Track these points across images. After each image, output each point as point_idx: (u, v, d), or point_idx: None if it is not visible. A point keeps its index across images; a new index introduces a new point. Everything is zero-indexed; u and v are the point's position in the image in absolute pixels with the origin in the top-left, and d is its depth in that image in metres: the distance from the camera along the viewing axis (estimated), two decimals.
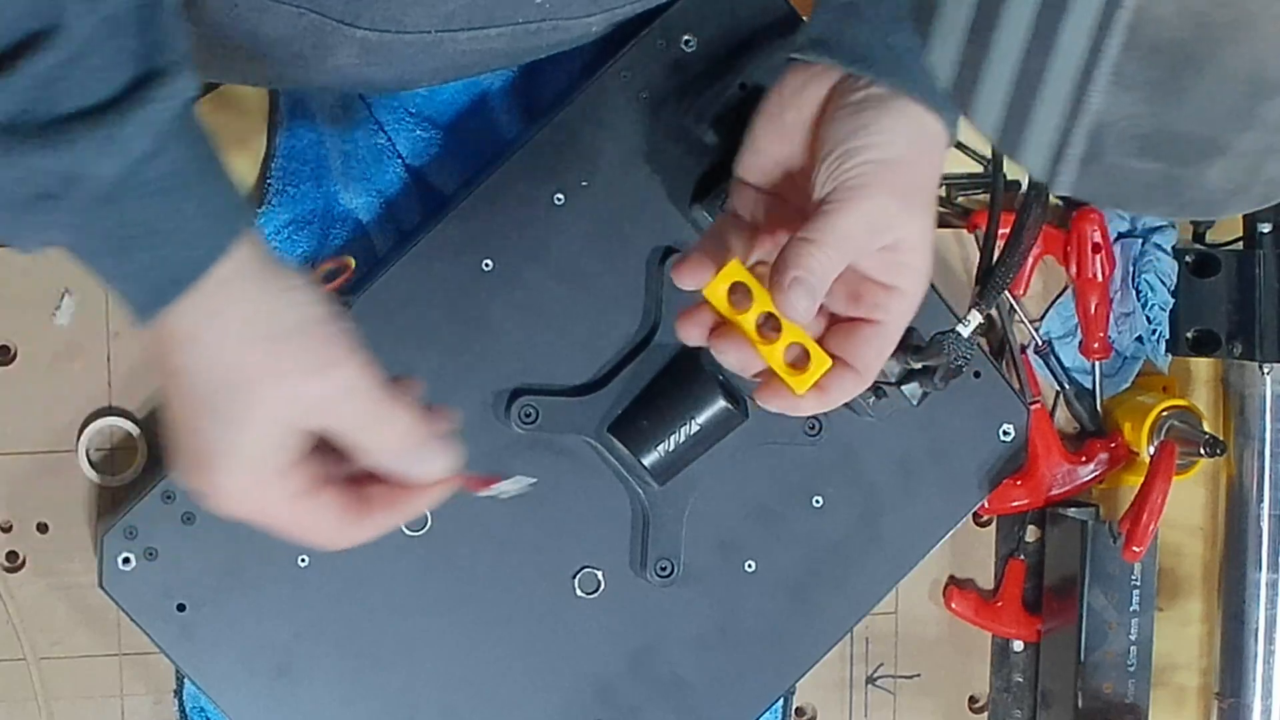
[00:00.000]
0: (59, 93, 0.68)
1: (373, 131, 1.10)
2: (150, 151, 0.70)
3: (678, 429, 1.06)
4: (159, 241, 0.72)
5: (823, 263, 0.80)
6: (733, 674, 1.12)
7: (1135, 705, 1.20)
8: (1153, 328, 1.21)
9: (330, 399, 0.76)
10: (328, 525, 0.79)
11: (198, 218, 0.72)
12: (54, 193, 0.70)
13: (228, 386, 0.75)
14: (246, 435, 0.75)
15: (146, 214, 0.71)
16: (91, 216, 0.71)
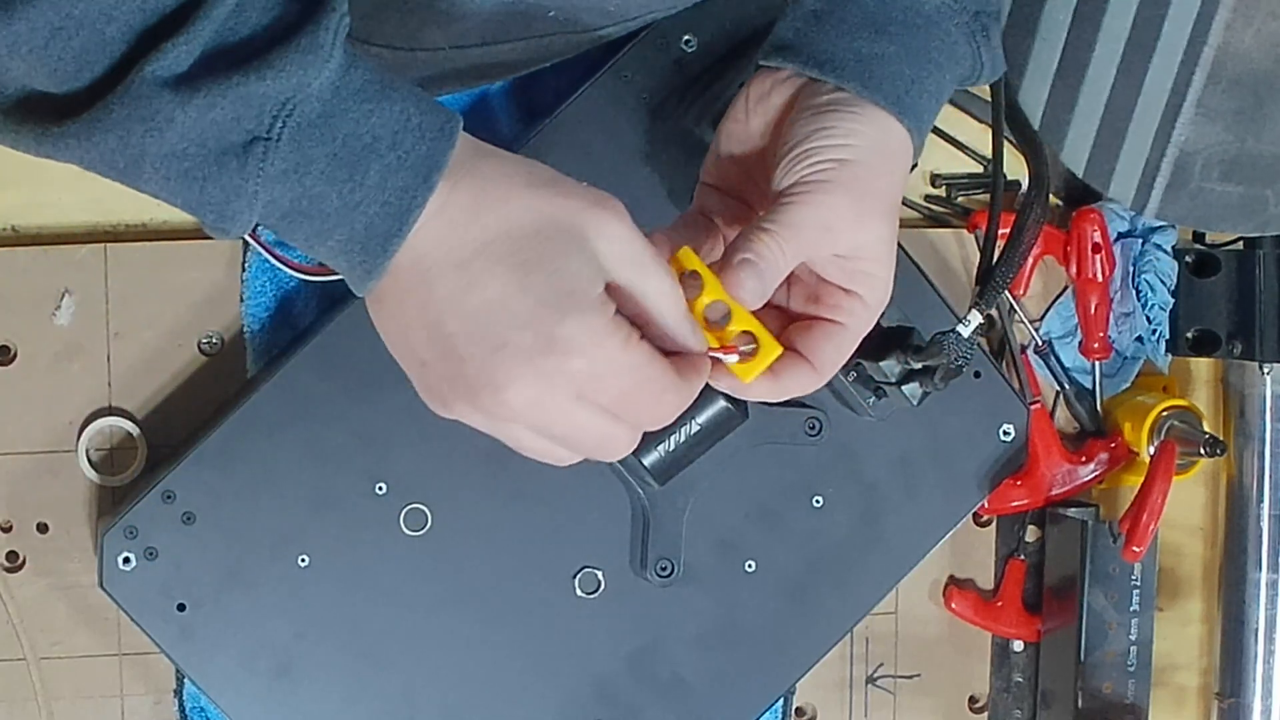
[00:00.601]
0: (247, 22, 0.67)
1: None
2: (347, 62, 0.68)
3: (678, 429, 1.06)
4: (387, 145, 0.69)
5: (773, 249, 0.78)
6: (733, 674, 1.12)
7: (1135, 705, 1.20)
8: (1153, 328, 1.21)
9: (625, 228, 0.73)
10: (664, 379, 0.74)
11: (416, 114, 0.70)
12: (266, 133, 0.67)
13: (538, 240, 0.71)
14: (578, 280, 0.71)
15: (365, 124, 0.69)
16: (309, 146, 0.68)
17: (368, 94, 0.69)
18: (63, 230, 1.11)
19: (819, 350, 0.83)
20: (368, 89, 0.69)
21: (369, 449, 1.07)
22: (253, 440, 1.05)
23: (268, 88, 0.67)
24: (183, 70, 0.66)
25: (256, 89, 0.66)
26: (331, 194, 0.69)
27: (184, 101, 0.66)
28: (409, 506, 1.07)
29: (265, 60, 0.67)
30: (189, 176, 0.68)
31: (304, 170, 0.69)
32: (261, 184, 0.68)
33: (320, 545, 1.07)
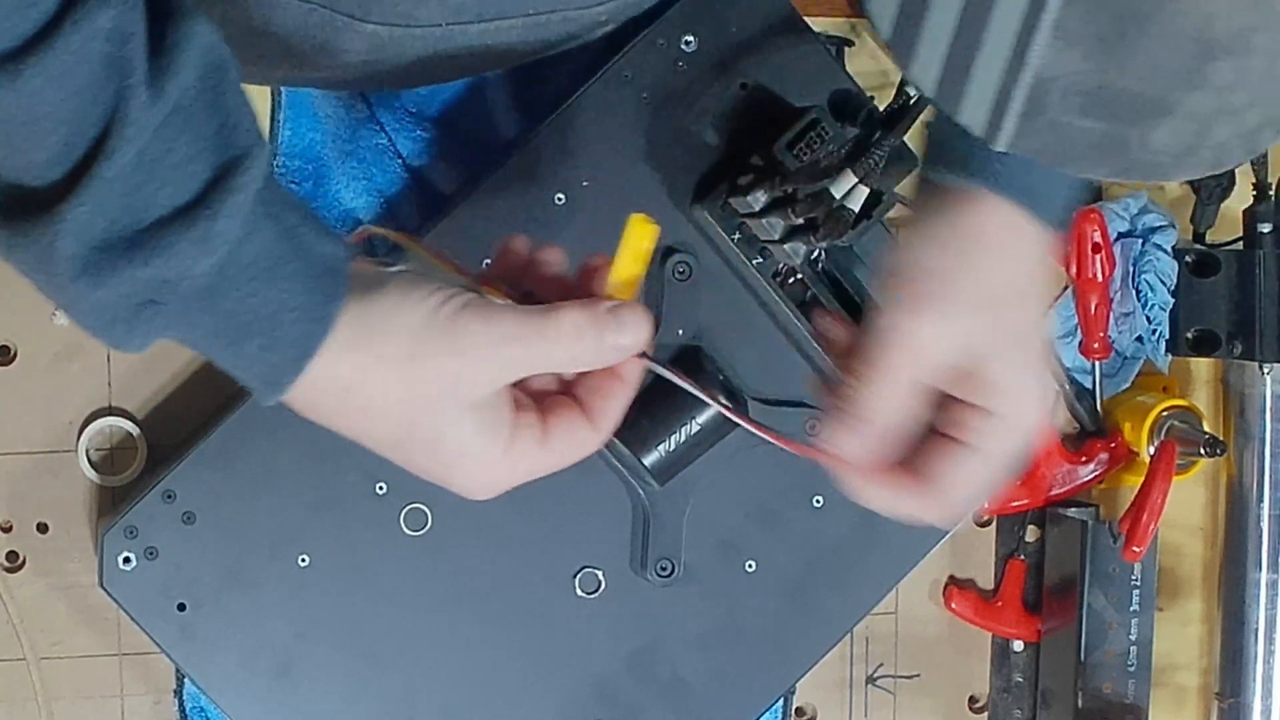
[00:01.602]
0: (144, 198, 0.67)
1: (374, 131, 1.10)
2: (241, 237, 0.69)
3: (678, 429, 1.06)
4: (266, 326, 0.71)
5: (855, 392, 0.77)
6: (733, 674, 1.12)
7: (1135, 705, 1.20)
8: (1153, 328, 1.21)
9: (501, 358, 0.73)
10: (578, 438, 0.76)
11: (300, 293, 0.71)
12: (155, 298, 0.68)
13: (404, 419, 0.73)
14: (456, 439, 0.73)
15: (248, 301, 0.70)
16: (195, 312, 0.70)
17: (255, 272, 0.70)
18: None
19: (938, 471, 0.78)
20: (256, 266, 0.70)
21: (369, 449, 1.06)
22: (253, 440, 1.05)
23: (153, 273, 0.68)
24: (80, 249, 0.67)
25: (142, 274, 0.68)
26: (214, 352, 0.72)
27: (75, 276, 0.67)
28: (409, 506, 1.07)
29: (156, 246, 0.67)
30: (86, 319, 0.70)
31: (190, 329, 0.71)
32: (150, 334, 0.70)
33: (320, 545, 1.06)
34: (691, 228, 1.07)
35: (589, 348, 0.74)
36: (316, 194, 1.11)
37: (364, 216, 1.11)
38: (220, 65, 0.69)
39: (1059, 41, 0.60)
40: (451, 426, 0.73)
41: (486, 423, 0.74)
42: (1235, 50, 0.60)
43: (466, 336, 0.72)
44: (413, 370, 0.72)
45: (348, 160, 1.10)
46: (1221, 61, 0.60)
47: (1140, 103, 0.61)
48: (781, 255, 1.04)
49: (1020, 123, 0.62)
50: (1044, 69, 0.60)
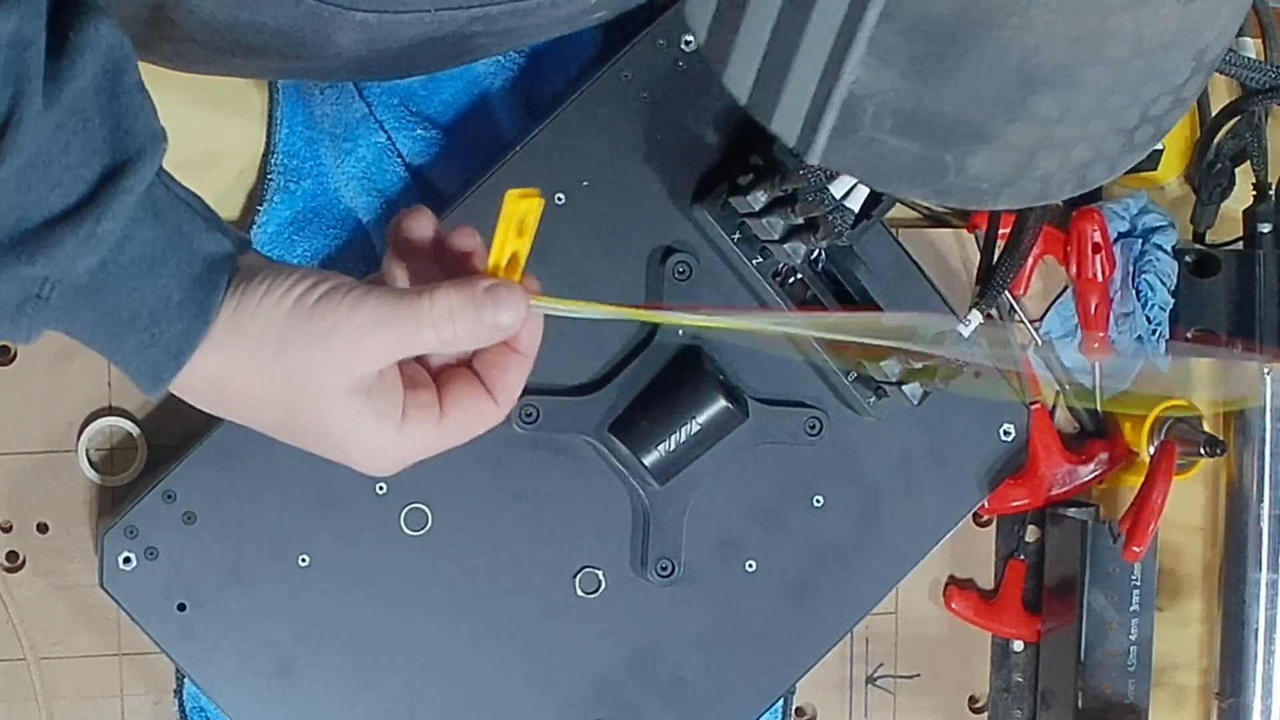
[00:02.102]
0: (34, 199, 0.68)
1: (373, 130, 1.10)
2: (123, 236, 0.70)
3: (678, 429, 1.06)
4: (144, 323, 0.72)
5: None
6: (733, 674, 1.12)
7: (1135, 705, 1.20)
8: (1153, 328, 1.21)
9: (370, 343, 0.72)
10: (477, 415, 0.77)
11: (178, 290, 0.72)
12: (35, 293, 0.69)
13: (287, 408, 0.74)
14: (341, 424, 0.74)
15: (128, 298, 0.71)
16: (76, 308, 0.71)
17: (137, 269, 0.71)
18: None
19: None
20: (135, 264, 0.71)
21: None
22: (253, 440, 1.03)
23: (35, 270, 0.69)
24: None
25: (26, 271, 0.68)
26: (96, 345, 0.73)
27: None
28: (409, 506, 1.07)
29: (41, 244, 0.68)
30: None
31: (71, 324, 0.72)
32: (35, 326, 0.71)
33: (320, 545, 1.07)
34: (691, 228, 1.07)
35: (466, 328, 0.73)
36: (316, 193, 1.11)
37: (364, 217, 1.11)
38: (118, 66, 0.70)
39: (873, 59, 0.58)
40: (335, 412, 0.73)
41: (374, 406, 0.73)
42: (1060, 85, 0.59)
43: (329, 324, 0.72)
44: (283, 361, 0.73)
45: (347, 159, 1.10)
46: (1045, 94, 0.59)
47: (957, 128, 0.60)
48: (781, 255, 1.05)
49: (833, 137, 0.60)
50: (858, 86, 0.59)
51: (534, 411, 1.06)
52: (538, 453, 1.08)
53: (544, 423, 1.07)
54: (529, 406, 1.06)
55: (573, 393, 1.07)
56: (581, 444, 1.08)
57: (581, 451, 1.09)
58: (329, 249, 1.12)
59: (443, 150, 1.12)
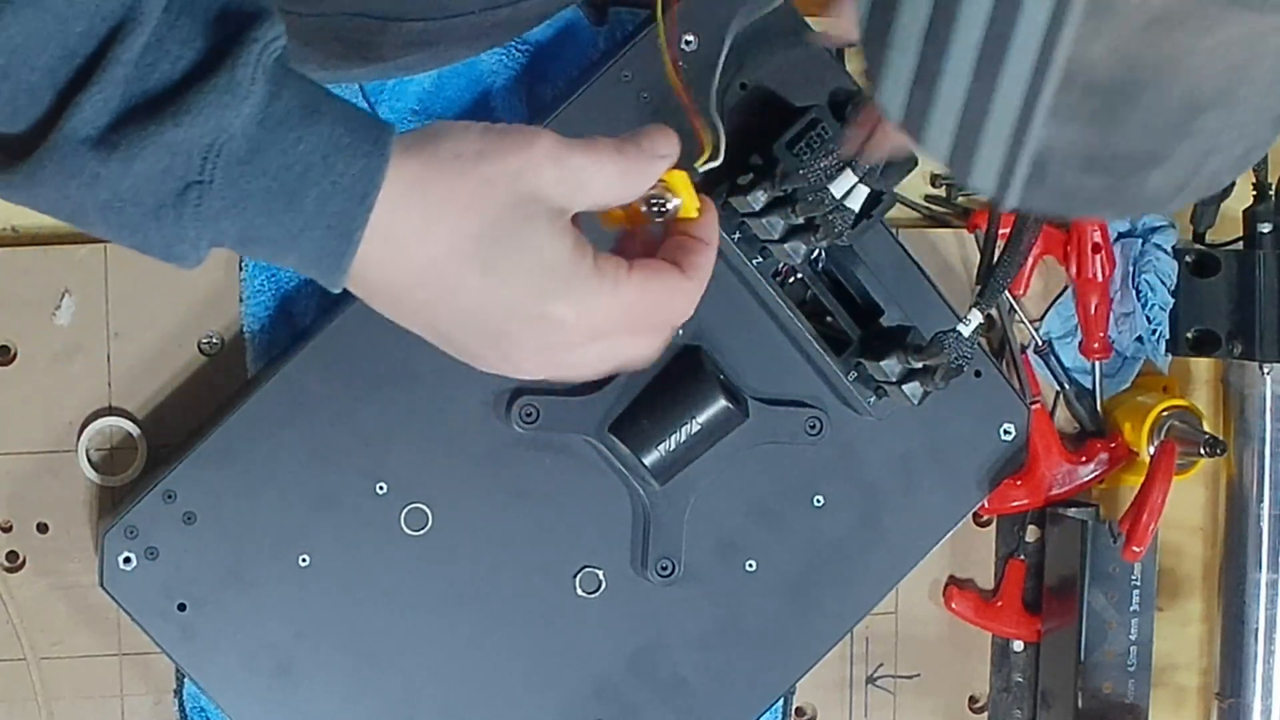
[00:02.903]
0: (161, 69, 0.66)
1: None
2: (270, 93, 0.67)
3: (678, 428, 1.06)
4: (318, 174, 0.68)
5: None
6: (733, 674, 1.12)
7: (1135, 705, 1.20)
8: (1153, 328, 1.21)
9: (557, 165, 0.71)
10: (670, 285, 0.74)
11: (345, 134, 0.69)
12: (199, 177, 0.67)
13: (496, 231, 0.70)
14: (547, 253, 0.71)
15: (294, 152, 0.68)
16: (244, 182, 0.67)
17: (293, 121, 0.68)
18: (63, 230, 1.11)
19: None
20: (293, 116, 0.68)
21: (369, 449, 1.07)
22: (253, 440, 1.05)
23: (186, 134, 0.66)
24: (101, 126, 0.66)
25: (175, 136, 0.66)
26: (273, 224, 0.69)
27: (105, 158, 0.66)
28: (409, 506, 1.07)
29: (182, 106, 0.66)
30: (129, 227, 0.68)
31: (242, 206, 0.68)
32: (203, 226, 0.68)
33: (320, 545, 1.06)
34: None
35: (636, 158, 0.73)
36: None
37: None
38: None
39: (1055, 119, 0.64)
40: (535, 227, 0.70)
41: (567, 229, 0.71)
42: (1220, 103, 0.65)
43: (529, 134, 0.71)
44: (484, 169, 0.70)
45: None
46: (1208, 114, 0.65)
47: (1134, 158, 0.66)
48: (781, 255, 1.04)
49: (1026, 187, 0.67)
50: (1043, 143, 0.65)
51: (534, 411, 1.06)
52: (538, 453, 1.08)
53: (544, 423, 1.07)
54: (529, 406, 1.06)
55: (573, 393, 1.07)
56: (582, 444, 1.08)
57: (582, 451, 1.09)
58: None
59: None
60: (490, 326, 0.72)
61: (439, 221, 0.70)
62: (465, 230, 0.70)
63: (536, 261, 0.71)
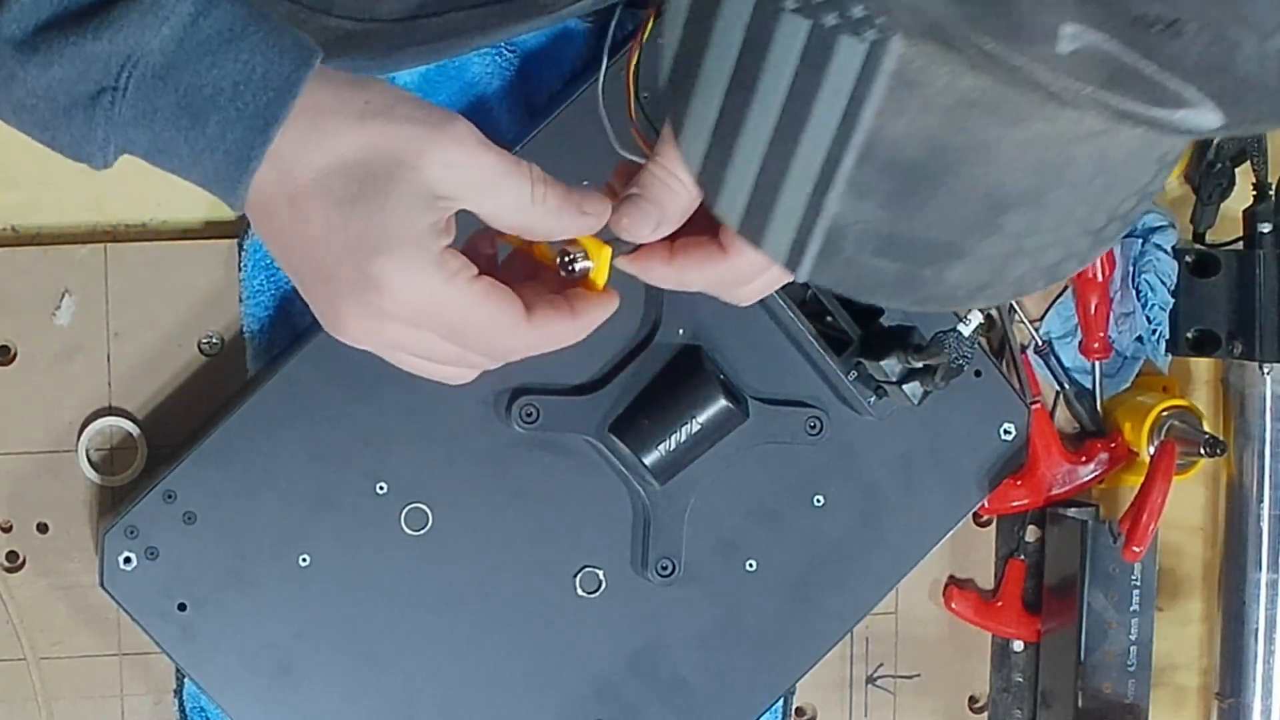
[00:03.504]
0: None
1: None
2: (196, 11, 0.69)
3: (679, 428, 1.06)
4: (225, 100, 0.69)
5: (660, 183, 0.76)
6: (733, 674, 1.12)
7: (1135, 705, 1.20)
8: (1153, 328, 1.21)
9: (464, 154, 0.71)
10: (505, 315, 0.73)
11: (261, 63, 0.70)
12: (113, 84, 0.68)
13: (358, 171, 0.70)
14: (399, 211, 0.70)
15: (206, 75, 0.69)
16: (155, 97, 0.69)
17: (213, 44, 0.70)
18: (63, 230, 1.11)
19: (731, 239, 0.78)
20: (214, 39, 0.70)
21: (369, 449, 1.07)
22: (253, 440, 1.05)
23: (105, 47, 0.68)
24: (26, 29, 0.68)
25: (94, 48, 0.68)
26: (179, 139, 0.71)
27: (24, 60, 0.68)
28: (409, 506, 1.07)
29: (105, 19, 0.68)
30: (39, 124, 0.70)
31: (151, 118, 0.70)
32: (112, 130, 0.70)
33: (321, 545, 1.07)
34: None
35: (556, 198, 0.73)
36: None
37: None
38: None
39: (853, 194, 0.62)
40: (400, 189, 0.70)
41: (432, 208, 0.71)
42: (1028, 205, 0.62)
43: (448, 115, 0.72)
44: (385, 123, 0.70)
45: None
46: (1014, 214, 0.62)
47: (933, 248, 0.63)
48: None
49: (818, 260, 0.64)
50: (839, 216, 0.62)
51: (534, 411, 1.06)
52: (538, 453, 1.08)
53: (544, 422, 1.07)
54: (529, 406, 1.06)
55: (573, 392, 1.07)
56: (582, 444, 1.08)
57: (582, 451, 1.09)
58: None
59: None
60: (323, 264, 0.72)
61: (320, 151, 0.71)
62: (335, 164, 0.71)
63: (382, 218, 0.71)
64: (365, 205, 0.71)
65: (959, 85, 0.58)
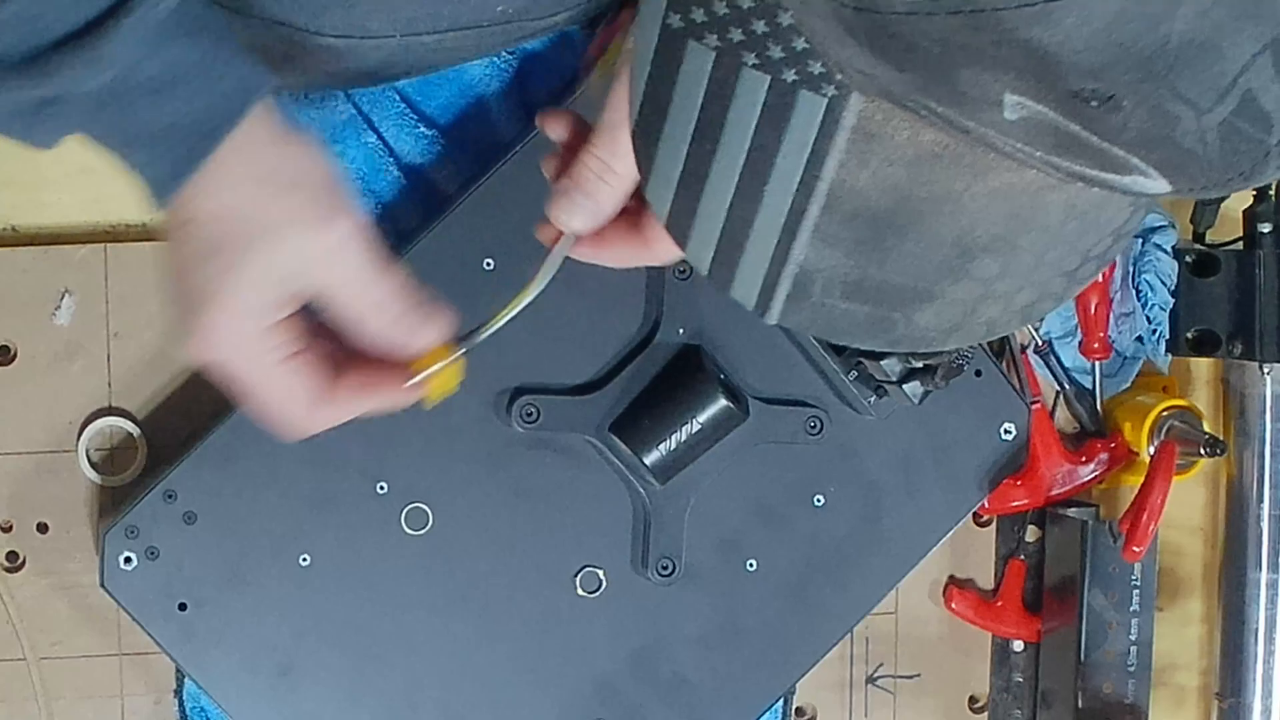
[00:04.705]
0: (44, 24, 0.69)
1: (361, 131, 1.10)
2: (139, 57, 0.71)
3: (679, 428, 1.06)
4: (159, 137, 0.73)
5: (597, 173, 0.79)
6: (734, 673, 1.12)
7: (1135, 705, 1.20)
8: (1153, 328, 1.21)
9: (328, 252, 0.75)
10: (299, 398, 0.78)
11: (195, 110, 0.73)
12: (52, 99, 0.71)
13: (234, 228, 0.74)
14: (243, 277, 0.74)
15: (143, 113, 0.72)
16: (93, 118, 0.72)
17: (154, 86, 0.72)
18: (63, 230, 1.11)
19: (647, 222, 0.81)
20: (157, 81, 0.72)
21: (369, 449, 1.07)
22: (253, 440, 1.05)
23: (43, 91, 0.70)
24: None
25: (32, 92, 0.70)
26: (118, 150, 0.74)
27: None
28: (410, 506, 1.07)
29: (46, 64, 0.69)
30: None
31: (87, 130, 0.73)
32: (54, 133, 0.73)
33: (321, 545, 1.07)
34: None
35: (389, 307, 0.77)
36: None
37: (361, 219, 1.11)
38: None
39: (819, 242, 0.62)
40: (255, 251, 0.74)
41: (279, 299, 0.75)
42: (998, 250, 0.62)
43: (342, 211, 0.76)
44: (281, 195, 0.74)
45: (339, 161, 1.10)
46: (984, 259, 0.62)
47: (902, 292, 0.64)
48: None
49: (787, 304, 0.65)
50: (806, 263, 0.63)
51: (534, 411, 1.06)
52: (538, 452, 1.08)
53: (544, 422, 1.07)
54: (529, 406, 1.06)
55: (573, 392, 1.07)
56: (582, 443, 1.08)
57: (582, 451, 1.09)
58: None
59: (442, 150, 1.12)
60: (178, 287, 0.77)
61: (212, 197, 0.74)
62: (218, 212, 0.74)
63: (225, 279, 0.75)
64: (218, 261, 0.74)
65: (921, 140, 0.59)
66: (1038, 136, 0.54)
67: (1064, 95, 0.51)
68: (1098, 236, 0.64)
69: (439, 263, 1.05)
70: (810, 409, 1.10)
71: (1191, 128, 0.51)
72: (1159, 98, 0.50)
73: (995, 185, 0.60)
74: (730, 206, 0.64)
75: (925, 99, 0.56)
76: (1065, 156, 0.55)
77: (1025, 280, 0.64)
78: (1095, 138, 0.53)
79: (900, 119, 0.59)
